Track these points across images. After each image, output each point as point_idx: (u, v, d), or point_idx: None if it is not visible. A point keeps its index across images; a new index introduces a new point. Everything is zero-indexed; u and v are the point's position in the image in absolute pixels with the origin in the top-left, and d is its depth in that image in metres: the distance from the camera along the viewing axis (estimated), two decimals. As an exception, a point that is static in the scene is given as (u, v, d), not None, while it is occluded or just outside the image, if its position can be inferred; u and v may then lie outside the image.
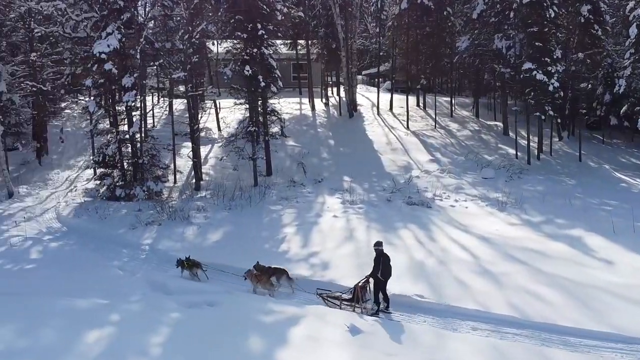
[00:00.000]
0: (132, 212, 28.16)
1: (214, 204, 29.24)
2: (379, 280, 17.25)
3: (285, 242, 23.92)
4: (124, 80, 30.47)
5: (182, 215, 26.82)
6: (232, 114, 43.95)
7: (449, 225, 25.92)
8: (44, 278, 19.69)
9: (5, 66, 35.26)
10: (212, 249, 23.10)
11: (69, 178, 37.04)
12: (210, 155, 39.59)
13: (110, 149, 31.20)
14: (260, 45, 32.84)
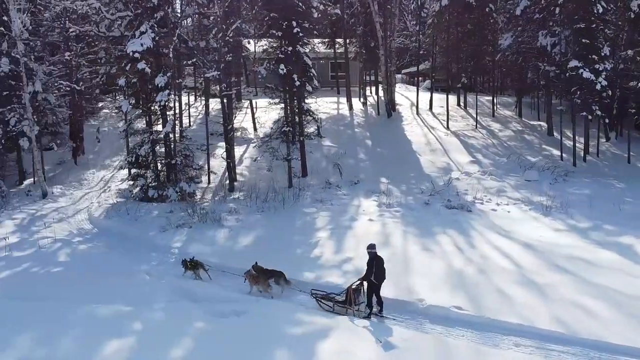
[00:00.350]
0: (164, 213, 27.68)
1: (246, 206, 28.57)
2: (372, 284, 16.90)
3: (318, 247, 23.05)
4: (157, 80, 29.99)
5: (214, 218, 26.20)
6: (267, 113, 43.44)
7: (490, 230, 24.71)
8: (69, 282, 19.21)
9: (41, 66, 35.18)
10: (242, 254, 22.36)
11: (103, 178, 36.84)
12: (246, 156, 38.99)
13: (143, 149, 30.79)
14: (296, 44, 32.02)
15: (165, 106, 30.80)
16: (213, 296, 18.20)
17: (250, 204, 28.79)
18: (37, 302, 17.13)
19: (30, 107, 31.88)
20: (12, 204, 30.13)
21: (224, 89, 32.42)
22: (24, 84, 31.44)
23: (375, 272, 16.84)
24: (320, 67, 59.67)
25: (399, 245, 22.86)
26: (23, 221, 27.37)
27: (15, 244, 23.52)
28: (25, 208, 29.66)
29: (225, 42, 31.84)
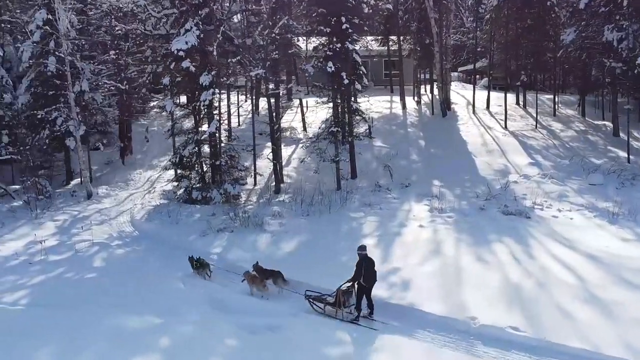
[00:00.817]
0: (206, 216, 26.83)
1: (291, 209, 27.42)
2: (361, 286, 16.57)
3: (364, 254, 21.72)
4: (202, 79, 29.18)
5: (256, 222, 25.14)
6: (315, 113, 42.29)
7: (551, 239, 22.83)
8: (101, 289, 18.42)
9: (89, 65, 34.87)
10: (283, 261, 21.18)
11: (150, 179, 36.35)
12: (294, 156, 37.91)
13: (187, 149, 30.02)
14: (345, 40, 30.69)
15: (210, 105, 29.97)
16: (246, 307, 17.13)
17: (295, 207, 27.64)
18: (65, 310, 16.38)
19: (75, 106, 31.48)
20: (56, 205, 29.80)
21: (270, 87, 31.38)
22: (69, 83, 31.04)
23: (364, 274, 16.43)
24: (373, 65, 58.33)
25: (451, 254, 21.29)
26: (64, 223, 26.91)
27: (52, 247, 22.96)
28: (69, 209, 29.26)
29: (272, 40, 30.76)
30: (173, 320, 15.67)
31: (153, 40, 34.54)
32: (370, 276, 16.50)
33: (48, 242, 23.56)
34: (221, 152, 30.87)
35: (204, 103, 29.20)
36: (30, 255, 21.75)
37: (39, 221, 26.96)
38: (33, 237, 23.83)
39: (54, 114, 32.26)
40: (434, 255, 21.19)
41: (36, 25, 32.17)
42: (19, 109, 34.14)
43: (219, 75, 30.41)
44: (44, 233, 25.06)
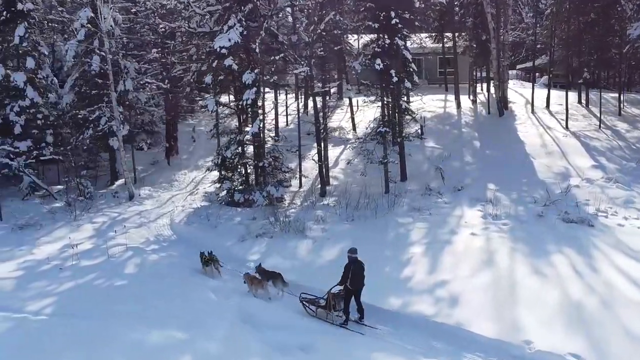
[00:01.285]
0: (246, 220, 25.79)
1: (335, 213, 26.08)
2: (348, 290, 16.30)
3: (410, 264, 20.19)
4: (245, 77, 28.16)
5: (297, 227, 23.89)
6: (363, 113, 40.87)
7: (616, 250, 20.82)
8: (128, 298, 17.41)
9: (133, 64, 34.30)
10: (323, 270, 19.93)
11: (194, 180, 35.59)
12: (342, 157, 36.54)
13: (229, 150, 29.06)
14: (394, 36, 29.16)
15: (253, 105, 28.90)
16: (278, 322, 15.89)
17: (339, 211, 26.28)
18: (87, 321, 15.39)
19: (116, 106, 30.88)
20: (96, 206, 29.17)
21: (316, 85, 30.12)
22: (111, 82, 30.44)
23: (351, 277, 16.13)
24: (427, 63, 56.55)
25: (505, 266, 19.58)
26: (102, 225, 26.21)
27: (86, 251, 22.17)
28: (109, 211, 28.60)
29: (318, 36, 29.48)
30: (198, 335, 14.54)
31: (198, 38, 33.67)
32: (357, 280, 16.17)
33: (83, 245, 22.86)
34: (265, 153, 29.80)
35: (246, 102, 28.16)
36: (63, 260, 20.99)
37: (77, 223, 26.32)
38: (68, 240, 23.13)
39: (96, 114, 31.67)
40: (486, 267, 19.53)
41: (80, 23, 31.68)
42: (63, 109, 33.79)
43: (263, 73, 29.27)
44: (81, 236, 24.41)
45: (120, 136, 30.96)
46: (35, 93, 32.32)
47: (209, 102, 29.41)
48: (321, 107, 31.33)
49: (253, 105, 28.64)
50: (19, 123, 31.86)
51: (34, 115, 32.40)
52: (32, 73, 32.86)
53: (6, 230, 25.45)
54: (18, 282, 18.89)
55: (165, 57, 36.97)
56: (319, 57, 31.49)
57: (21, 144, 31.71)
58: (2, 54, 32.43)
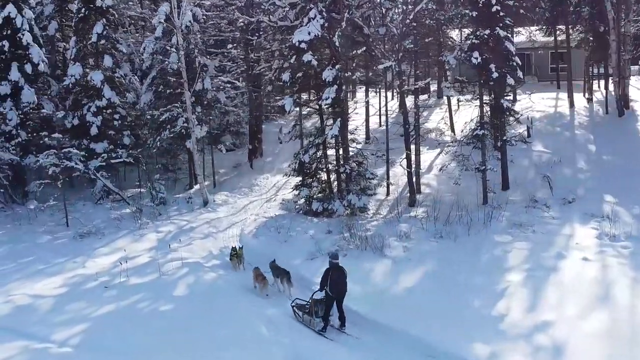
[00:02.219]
0: (320, 234, 23.09)
1: (421, 228, 22.83)
2: (328, 296, 15.90)
3: (505, 297, 16.78)
4: (325, 74, 25.50)
5: (376, 244, 20.87)
6: (463, 112, 37.19)
7: None
8: (168, 328, 15.15)
9: (213, 61, 32.43)
10: (400, 300, 16.97)
11: (276, 184, 33.32)
12: (437, 162, 33.12)
13: (307, 154, 26.47)
14: (494, 25, 25.51)
15: (334, 104, 26.17)
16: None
17: (427, 225, 23.00)
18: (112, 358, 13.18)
19: (192, 105, 28.96)
20: (167, 213, 27.31)
21: (405, 82, 26.98)
22: (184, 81, 28.53)
23: (330, 284, 15.78)
24: (537, 59, 51.76)
25: (624, 302, 15.82)
26: (167, 235, 24.23)
27: (139, 267, 20.20)
28: (178, 218, 26.68)
29: (408, 27, 26.32)
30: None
31: (280, 32, 31.31)
32: (337, 287, 15.79)
33: (139, 259, 21.00)
34: (347, 157, 27.01)
35: (325, 101, 25.47)
36: (111, 276, 19.06)
37: (141, 232, 24.51)
38: (125, 253, 21.25)
39: (166, 115, 29.87)
40: (602, 305, 15.83)
41: (158, 20, 30.07)
42: (141, 108, 32.38)
43: (346, 69, 26.43)
44: (141, 247, 22.56)
45: (194, 138, 29.05)
46: (113, 93, 31.07)
47: (286, 102, 26.90)
48: (413, 106, 28.15)
49: (334, 104, 25.90)
50: (95, 124, 30.68)
51: (110, 116, 31.17)
52: (110, 72, 31.64)
53: (68, 239, 24.02)
54: (56, 303, 17.12)
55: (247, 54, 34.82)
56: (411, 52, 28.34)
57: (97, 145, 30.55)
58: (81, 52, 31.34)
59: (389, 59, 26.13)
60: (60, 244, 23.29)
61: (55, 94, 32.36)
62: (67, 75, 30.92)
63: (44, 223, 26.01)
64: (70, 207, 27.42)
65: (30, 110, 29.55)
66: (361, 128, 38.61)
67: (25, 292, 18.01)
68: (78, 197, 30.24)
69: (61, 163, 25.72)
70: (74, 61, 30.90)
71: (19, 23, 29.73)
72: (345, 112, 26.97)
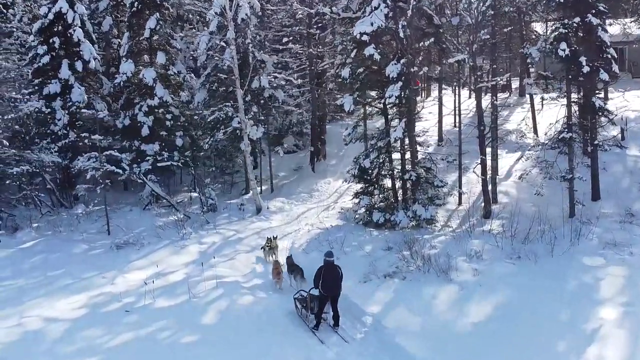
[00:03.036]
0: (379, 250, 20.37)
1: (496, 245, 19.70)
2: (322, 295, 15.40)
3: (597, 341, 13.58)
4: (388, 69, 22.75)
5: (440, 266, 17.92)
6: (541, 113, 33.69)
7: None
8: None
9: (271, 57, 30.19)
10: (462, 341, 14.07)
11: (337, 190, 30.72)
12: (517, 168, 29.70)
13: (367, 159, 23.78)
14: (585, 13, 22.07)
15: (399, 103, 23.39)
16: None
17: (502, 242, 19.85)
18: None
19: (242, 105, 26.72)
20: (215, 221, 25.11)
21: (481, 79, 23.87)
22: (236, 78, 26.31)
23: (322, 282, 15.31)
24: (632, 53, 46.93)
25: None
26: (211, 247, 22.00)
27: (170, 286, 17.96)
28: (226, 227, 24.44)
29: (484, 16, 23.20)
30: None
31: (342, 24, 28.70)
32: (328, 285, 15.33)
33: (174, 276, 18.83)
34: (414, 162, 24.14)
35: (389, 100, 22.71)
36: (137, 297, 16.89)
37: (183, 243, 22.33)
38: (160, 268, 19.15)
39: (217, 114, 27.74)
40: None
41: (213, 12, 28.00)
42: (196, 107, 30.44)
43: (413, 64, 23.53)
44: (179, 261, 20.39)
45: (246, 139, 26.74)
46: (166, 91, 29.24)
47: (345, 101, 24.18)
48: (490, 105, 25.01)
49: (398, 103, 23.11)
50: (146, 124, 28.96)
51: (163, 115, 29.36)
52: (163, 69, 29.86)
53: (104, 249, 22.13)
54: (69, 329, 15.09)
55: (310, 50, 32.36)
56: (488, 44, 25.17)
57: (148, 146, 28.84)
58: (133, 49, 29.71)
59: (462, 52, 23.04)
60: (94, 255, 21.41)
61: (108, 93, 30.86)
62: (119, 73, 29.29)
63: (85, 230, 24.30)
64: (116, 213, 25.76)
65: (78, 110, 27.97)
66: (433, 129, 35.61)
67: (42, 312, 16.10)
68: (127, 202, 28.61)
69: (102, 166, 23.90)
70: (126, 58, 29.26)
71: (70, 18, 28.32)
72: (412, 111, 24.04)
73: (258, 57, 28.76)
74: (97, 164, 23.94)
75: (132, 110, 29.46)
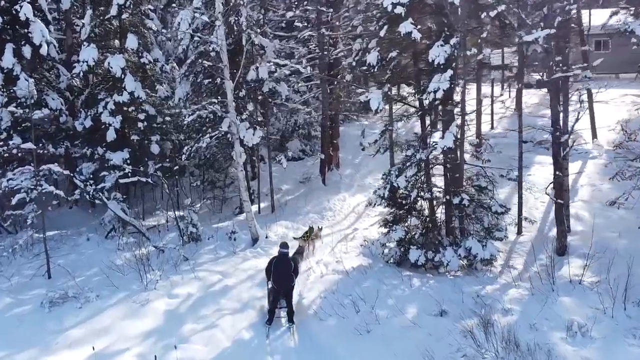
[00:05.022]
0: (426, 315, 13.90)
1: (601, 310, 13.27)
2: (273, 289, 14.51)
3: None
4: (433, 52, 16.35)
5: (530, 347, 11.50)
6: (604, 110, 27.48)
7: None
8: None
9: (273, 42, 23.85)
10: None
11: (355, 209, 24.37)
12: (582, 183, 23.34)
13: (402, 176, 17.36)
14: None
15: (447, 100, 16.98)
16: None
17: (610, 304, 13.39)
18: None
19: (233, 101, 20.30)
20: (195, 257, 18.63)
21: (556, 67, 17.34)
22: (225, 66, 19.85)
23: (273, 276, 14.37)
24: None
25: None
26: (182, 304, 15.44)
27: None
28: (208, 268, 17.76)
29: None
30: None
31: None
32: (279, 279, 14.36)
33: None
34: (460, 180, 17.77)
35: (433, 95, 16.26)
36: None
37: (146, 296, 15.68)
38: (103, 344, 12.78)
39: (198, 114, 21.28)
40: None
41: (197, -17, 21.63)
42: (177, 105, 24.05)
43: (465, 45, 17.08)
44: (136, 329, 13.93)
45: (237, 146, 20.28)
46: (138, 84, 22.99)
47: (371, 96, 17.51)
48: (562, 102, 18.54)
49: (446, 100, 16.70)
50: (113, 126, 22.67)
51: (134, 115, 23.11)
52: (136, 56, 23.62)
53: (33, 305, 15.49)
54: None
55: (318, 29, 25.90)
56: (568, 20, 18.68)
57: (115, 155, 22.57)
58: (99, 30, 23.47)
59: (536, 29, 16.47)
60: (15, 318, 14.87)
61: (66, 87, 24.57)
62: (78, 62, 22.96)
63: (19, 270, 17.84)
64: (66, 245, 19.43)
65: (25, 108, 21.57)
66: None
67: None
68: (89, 227, 22.32)
69: (37, 186, 17.37)
70: (87, 42, 22.96)
71: (17, -9, 22.05)
72: (464, 112, 17.57)
73: (256, 41, 22.34)
74: (29, 182, 17.41)
75: (95, 108, 23.19)
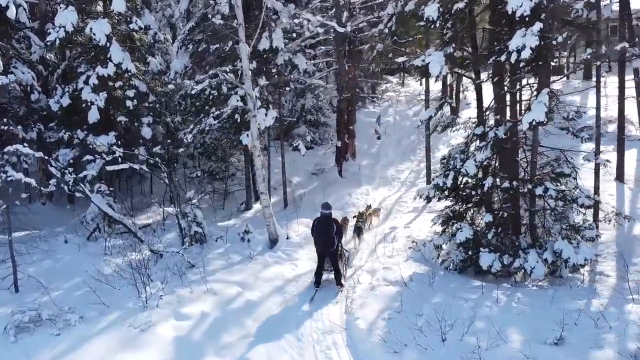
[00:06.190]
0: (539, 345, 10.19)
1: None
2: (317, 252, 14.01)
3: None
4: (514, 2, 12.63)
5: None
6: None
7: None
8: None
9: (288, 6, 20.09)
10: None
11: (383, 204, 20.74)
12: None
13: (469, 162, 13.68)
14: None
15: (538, 60, 13.30)
16: None
17: None
18: None
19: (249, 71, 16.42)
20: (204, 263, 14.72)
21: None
22: (240, 24, 15.96)
23: (315, 235, 13.85)
24: None
25: None
26: (195, 329, 11.42)
27: None
28: (222, 278, 13.89)
29: None
30: None
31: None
32: (320, 240, 13.71)
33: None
34: (534, 165, 14.18)
35: (519, 54, 12.54)
36: None
37: (146, 318, 11.55)
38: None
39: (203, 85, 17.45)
40: None
41: None
42: (172, 80, 20.18)
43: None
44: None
45: (254, 128, 16.46)
46: (127, 55, 19.11)
47: (431, 59, 13.64)
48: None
49: (535, 61, 13.03)
50: (95, 104, 18.76)
51: (122, 92, 19.28)
52: (124, 21, 19.76)
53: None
54: None
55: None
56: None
57: (99, 138, 18.71)
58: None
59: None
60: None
61: (39, 59, 20.62)
62: (53, 27, 18.97)
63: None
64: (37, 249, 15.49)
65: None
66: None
67: None
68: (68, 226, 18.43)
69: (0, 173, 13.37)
70: (65, 4, 19.01)
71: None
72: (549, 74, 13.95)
73: (268, 4, 18.52)
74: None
75: (74, 83, 19.27)
